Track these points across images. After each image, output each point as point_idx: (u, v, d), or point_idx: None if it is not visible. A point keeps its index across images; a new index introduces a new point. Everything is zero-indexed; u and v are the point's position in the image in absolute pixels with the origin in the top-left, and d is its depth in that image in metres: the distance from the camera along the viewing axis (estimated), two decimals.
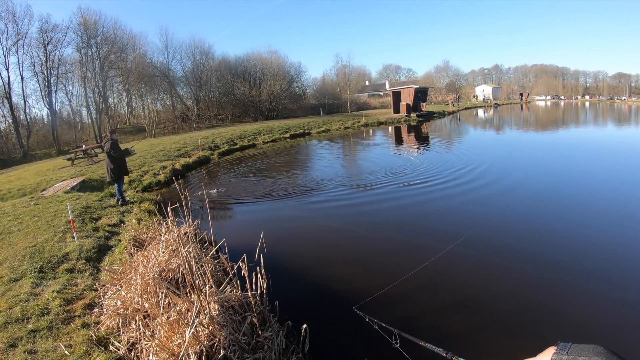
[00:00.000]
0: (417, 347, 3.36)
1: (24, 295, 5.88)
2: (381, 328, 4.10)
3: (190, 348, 3.99)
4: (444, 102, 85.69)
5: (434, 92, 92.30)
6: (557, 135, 27.38)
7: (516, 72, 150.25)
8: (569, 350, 1.09)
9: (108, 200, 12.63)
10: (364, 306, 5.15)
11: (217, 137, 31.55)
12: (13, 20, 44.45)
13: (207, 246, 7.57)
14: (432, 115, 50.35)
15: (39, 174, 20.28)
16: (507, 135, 28.24)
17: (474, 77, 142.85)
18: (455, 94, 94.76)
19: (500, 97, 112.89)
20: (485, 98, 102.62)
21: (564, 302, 5.54)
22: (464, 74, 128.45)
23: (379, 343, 4.14)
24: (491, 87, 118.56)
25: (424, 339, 3.32)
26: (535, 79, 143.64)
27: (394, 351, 3.83)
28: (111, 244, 8.60)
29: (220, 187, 13.90)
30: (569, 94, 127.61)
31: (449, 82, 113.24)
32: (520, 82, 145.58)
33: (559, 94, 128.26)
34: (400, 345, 3.75)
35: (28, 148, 44.86)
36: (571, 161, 16.50)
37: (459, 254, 7.16)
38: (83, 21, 50.15)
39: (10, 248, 8.19)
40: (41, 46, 46.81)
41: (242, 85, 62.33)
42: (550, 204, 10.26)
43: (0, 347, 4.62)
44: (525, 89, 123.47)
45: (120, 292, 5.58)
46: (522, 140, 24.98)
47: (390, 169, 15.41)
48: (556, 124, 36.84)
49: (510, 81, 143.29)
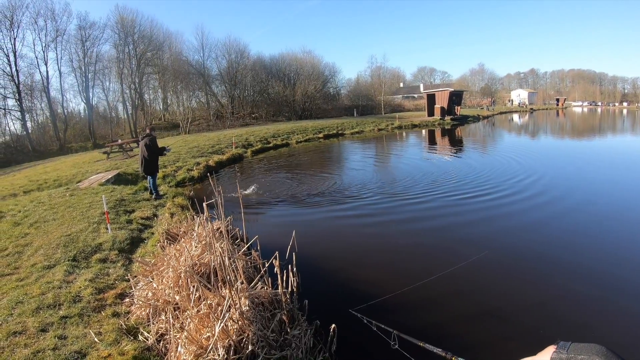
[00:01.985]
0: (417, 348, 3.38)
1: (56, 283, 5.96)
2: (380, 329, 4.13)
3: (219, 342, 3.98)
4: (479, 106, 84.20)
5: (468, 95, 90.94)
6: (599, 143, 26.16)
7: (553, 77, 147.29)
8: (569, 349, 1.11)
9: (142, 194, 12.80)
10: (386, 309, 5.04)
11: (250, 136, 31.66)
12: (52, 17, 45.98)
13: (238, 242, 7.56)
14: (467, 119, 49.39)
15: (74, 166, 20.75)
16: (544, 143, 27.16)
17: (510, 81, 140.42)
18: (491, 98, 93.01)
19: (536, 102, 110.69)
20: (521, 103, 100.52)
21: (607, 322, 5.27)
22: (499, 78, 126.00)
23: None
24: (527, 92, 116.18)
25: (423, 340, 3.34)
26: (572, 84, 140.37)
27: (393, 352, 3.82)
28: (144, 237, 8.68)
29: (254, 186, 13.83)
30: (606, 101, 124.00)
31: (484, 86, 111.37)
32: (557, 87, 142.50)
33: (595, 100, 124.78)
34: (399, 346, 3.75)
35: (65, 141, 46.12)
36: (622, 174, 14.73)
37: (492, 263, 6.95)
38: (120, 19, 51.42)
39: (45, 236, 8.34)
40: (79, 43, 48.25)
41: (277, 84, 62.62)
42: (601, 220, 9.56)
43: (31, 331, 4.67)
44: (561, 94, 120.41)
45: (152, 284, 5.60)
46: (562, 149, 23.58)
47: (427, 176, 14.71)
48: (593, 131, 35.41)
49: (546, 86, 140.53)
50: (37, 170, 22.23)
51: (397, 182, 13.99)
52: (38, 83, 47.48)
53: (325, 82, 69.13)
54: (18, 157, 39.09)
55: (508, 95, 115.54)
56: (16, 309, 5.22)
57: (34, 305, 5.25)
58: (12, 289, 5.83)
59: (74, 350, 4.30)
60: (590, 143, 25.81)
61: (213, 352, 3.92)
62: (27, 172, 22.76)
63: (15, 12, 42.55)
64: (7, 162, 36.12)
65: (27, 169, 25.16)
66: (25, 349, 4.31)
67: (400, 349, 3.79)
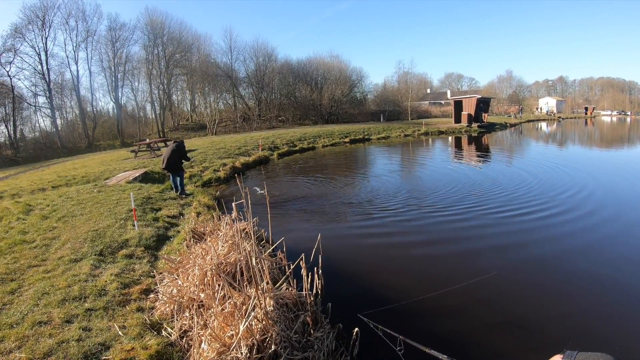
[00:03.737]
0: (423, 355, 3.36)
1: (83, 276, 6.01)
2: (385, 334, 4.16)
3: (243, 340, 3.97)
4: (506, 113, 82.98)
5: (496, 102, 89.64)
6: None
7: (581, 85, 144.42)
8: (576, 358, 1.09)
9: (169, 193, 12.93)
10: (433, 317, 4.91)
11: (277, 138, 31.81)
12: (83, 18, 47.45)
13: (263, 243, 7.54)
14: (494, 127, 48.66)
15: (102, 164, 21.13)
16: (574, 153, 26.22)
17: (538, 88, 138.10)
18: (519, 106, 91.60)
19: (564, 111, 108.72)
20: (549, 111, 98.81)
21: None
22: (527, 85, 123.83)
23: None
24: (555, 100, 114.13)
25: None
26: (601, 92, 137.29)
27: (399, 357, 3.85)
28: (170, 235, 8.74)
29: (269, 188, 13.66)
30: (635, 110, 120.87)
31: (512, 93, 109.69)
32: (586, 95, 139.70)
33: (625, 109, 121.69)
34: (406, 350, 3.80)
35: (93, 138, 47.22)
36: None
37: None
38: (150, 21, 52.61)
39: (73, 230, 8.46)
40: (109, 43, 49.62)
41: (304, 88, 62.90)
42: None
43: (56, 321, 4.72)
44: (590, 103, 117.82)
45: (177, 281, 5.61)
46: (603, 160, 21.41)
47: (454, 186, 14.01)
48: (631, 141, 33.93)
49: (575, 94, 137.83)
50: (66, 167, 22.69)
51: (424, 190, 13.52)
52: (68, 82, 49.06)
53: (352, 86, 69.00)
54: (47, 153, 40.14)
55: (536, 103, 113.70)
56: (42, 299, 5.28)
57: (59, 297, 5.30)
58: (38, 280, 5.91)
59: (98, 342, 4.33)
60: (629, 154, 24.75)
61: (236, 350, 3.91)
62: (56, 167, 23.27)
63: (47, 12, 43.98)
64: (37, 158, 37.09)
65: (56, 165, 25.74)
66: (49, 339, 4.35)
67: (407, 354, 3.82)
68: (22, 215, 10.13)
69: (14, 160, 36.52)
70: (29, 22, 42.97)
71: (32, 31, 43.33)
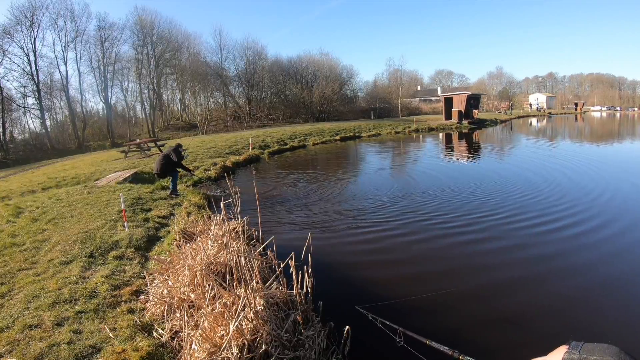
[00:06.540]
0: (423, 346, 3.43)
1: (73, 278, 6.00)
2: (385, 326, 4.22)
3: (233, 340, 3.99)
4: (497, 110, 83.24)
5: (486, 99, 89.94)
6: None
7: (571, 81, 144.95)
8: (581, 349, 1.07)
9: (159, 193, 12.87)
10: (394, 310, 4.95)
11: (267, 137, 31.83)
12: (72, 18, 47.16)
13: (254, 243, 7.56)
14: (484, 123, 48.79)
15: (93, 164, 21.04)
16: (565, 148, 26.30)
17: (528, 85, 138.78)
18: (509, 102, 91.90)
19: (554, 107, 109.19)
20: (539, 107, 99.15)
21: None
22: (517, 82, 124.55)
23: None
24: (545, 96, 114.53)
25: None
26: (591, 88, 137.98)
27: (400, 350, 3.87)
28: (160, 235, 8.72)
29: (259, 187, 13.49)
30: (625, 106, 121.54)
31: (502, 90, 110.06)
32: (576, 91, 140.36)
33: (614, 105, 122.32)
34: (405, 343, 3.82)
35: (83, 139, 46.96)
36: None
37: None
38: (139, 20, 52.36)
39: (63, 232, 8.43)
40: (98, 43, 49.38)
41: (294, 86, 63.08)
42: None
43: (47, 325, 4.72)
44: (580, 99, 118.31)
45: (168, 282, 5.62)
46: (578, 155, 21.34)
47: (444, 183, 14.01)
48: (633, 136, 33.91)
49: (565, 90, 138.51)
50: (56, 168, 22.57)
51: (417, 188, 13.50)
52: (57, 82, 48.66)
53: (343, 84, 69.14)
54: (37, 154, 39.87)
55: (526, 99, 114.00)
56: (32, 302, 5.27)
57: (50, 300, 5.29)
58: (29, 283, 5.89)
59: (89, 345, 4.33)
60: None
61: (227, 351, 3.92)
62: (46, 169, 23.15)
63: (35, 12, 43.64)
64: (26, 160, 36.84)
65: (45, 167, 25.59)
66: (40, 342, 4.34)
67: (407, 346, 3.82)
68: (11, 217, 10.08)
69: (4, 163, 36.18)
70: (17, 22, 42.74)
71: (21, 32, 43.06)
